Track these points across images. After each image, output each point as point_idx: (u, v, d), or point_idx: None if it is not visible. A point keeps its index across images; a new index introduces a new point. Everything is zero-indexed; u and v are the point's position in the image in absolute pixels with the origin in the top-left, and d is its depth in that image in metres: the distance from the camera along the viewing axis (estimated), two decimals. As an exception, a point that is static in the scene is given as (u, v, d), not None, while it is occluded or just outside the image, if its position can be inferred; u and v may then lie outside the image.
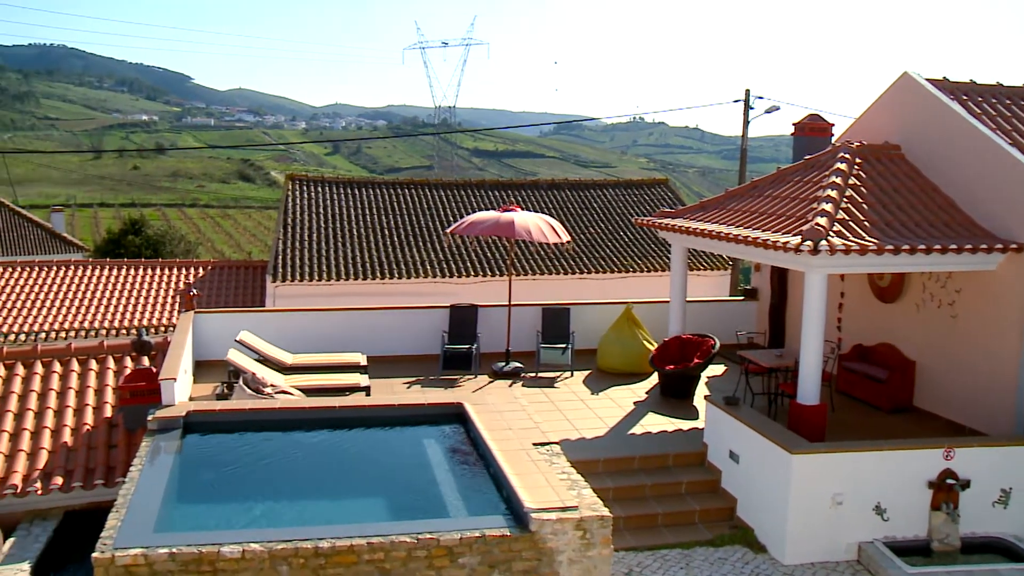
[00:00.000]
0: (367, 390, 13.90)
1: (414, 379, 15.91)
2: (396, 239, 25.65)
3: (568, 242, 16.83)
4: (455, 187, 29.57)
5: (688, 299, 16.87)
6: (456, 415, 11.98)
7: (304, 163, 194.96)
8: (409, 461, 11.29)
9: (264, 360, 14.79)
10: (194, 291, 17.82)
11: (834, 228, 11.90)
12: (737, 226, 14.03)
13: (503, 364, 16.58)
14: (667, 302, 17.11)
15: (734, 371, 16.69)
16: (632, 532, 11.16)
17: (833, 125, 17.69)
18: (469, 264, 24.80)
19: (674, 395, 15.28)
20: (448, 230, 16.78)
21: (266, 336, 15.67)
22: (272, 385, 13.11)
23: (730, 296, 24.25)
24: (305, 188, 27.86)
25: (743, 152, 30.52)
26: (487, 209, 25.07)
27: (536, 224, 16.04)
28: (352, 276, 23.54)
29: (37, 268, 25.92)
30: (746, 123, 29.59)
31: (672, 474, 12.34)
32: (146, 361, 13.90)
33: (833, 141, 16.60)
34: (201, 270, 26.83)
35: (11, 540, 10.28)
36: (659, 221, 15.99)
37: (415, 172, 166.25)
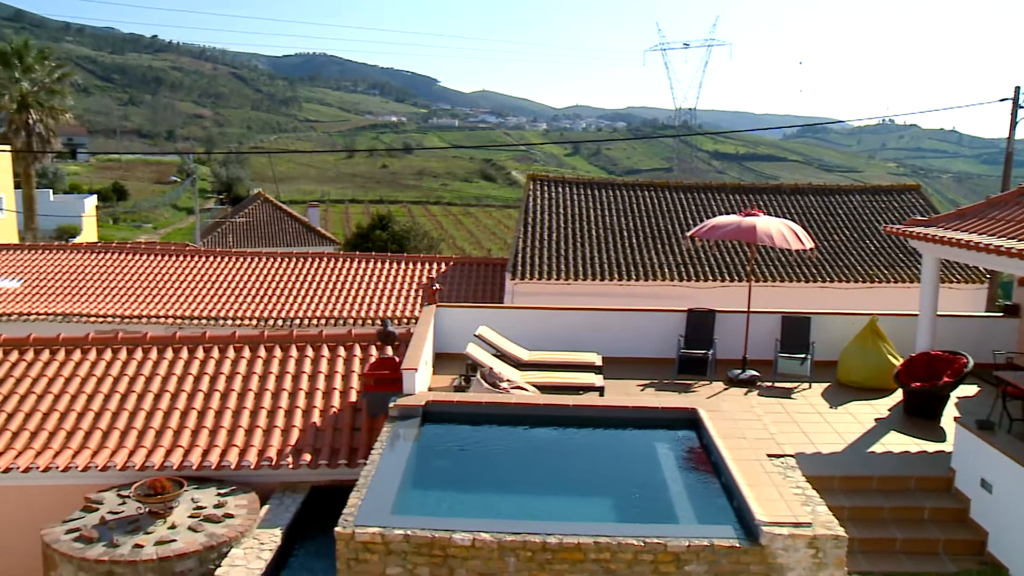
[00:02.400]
0: (601, 390, 13.93)
1: (648, 382, 15.82)
2: (634, 241, 25.61)
3: (811, 249, 16.23)
4: (694, 190, 29.19)
5: (939, 313, 15.90)
6: (689, 420, 11.80)
7: (544, 163, 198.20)
8: (640, 464, 11.23)
9: (501, 355, 15.12)
10: (437, 285, 18.45)
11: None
12: (1001, 237, 13.08)
13: (739, 371, 16.22)
14: (915, 315, 16.19)
15: (988, 393, 15.53)
16: (866, 556, 10.63)
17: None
18: (708, 268, 24.42)
19: (919, 415, 14.43)
20: (688, 233, 16.58)
21: (504, 332, 16.01)
22: (508, 380, 13.39)
23: (987, 312, 22.66)
24: (546, 188, 28.31)
25: (1008, 156, 28.44)
26: (727, 213, 24.63)
27: (779, 229, 15.59)
28: (589, 276, 23.71)
29: (294, 259, 27.71)
30: (1013, 124, 27.55)
31: (913, 498, 11.67)
32: (390, 351, 14.49)
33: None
34: (443, 265, 27.81)
35: (266, 507, 11.04)
36: (910, 230, 15.16)
37: (654, 174, 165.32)
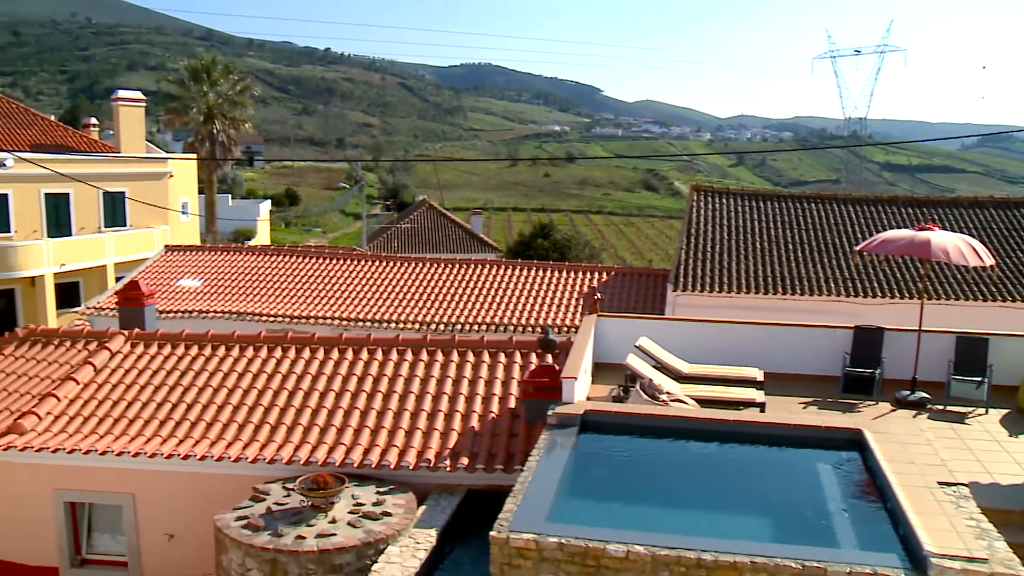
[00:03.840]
0: (762, 406, 13.63)
1: (811, 400, 15.37)
2: (800, 254, 24.95)
3: (991, 266, 15.43)
4: (864, 203, 28.19)
5: None
6: (854, 441, 11.38)
7: (707, 174, 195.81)
8: (800, 484, 10.92)
9: (661, 367, 14.99)
10: (598, 295, 18.45)
11: None
12: None
13: (908, 393, 15.55)
14: (1109, 340, 15.19)
15: None
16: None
17: None
18: (877, 284, 23.54)
19: (1111, 446, 13.50)
20: (857, 248, 16.02)
21: (664, 343, 15.87)
22: (667, 392, 13.26)
23: None
24: (710, 199, 27.92)
25: None
26: (899, 227, 23.67)
27: (955, 245, 14.88)
28: (752, 289, 23.25)
29: (457, 265, 28.22)
30: None
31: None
32: (550, 359, 14.57)
33: None
34: (604, 275, 27.78)
35: (423, 507, 11.29)
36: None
37: (821, 186, 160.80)
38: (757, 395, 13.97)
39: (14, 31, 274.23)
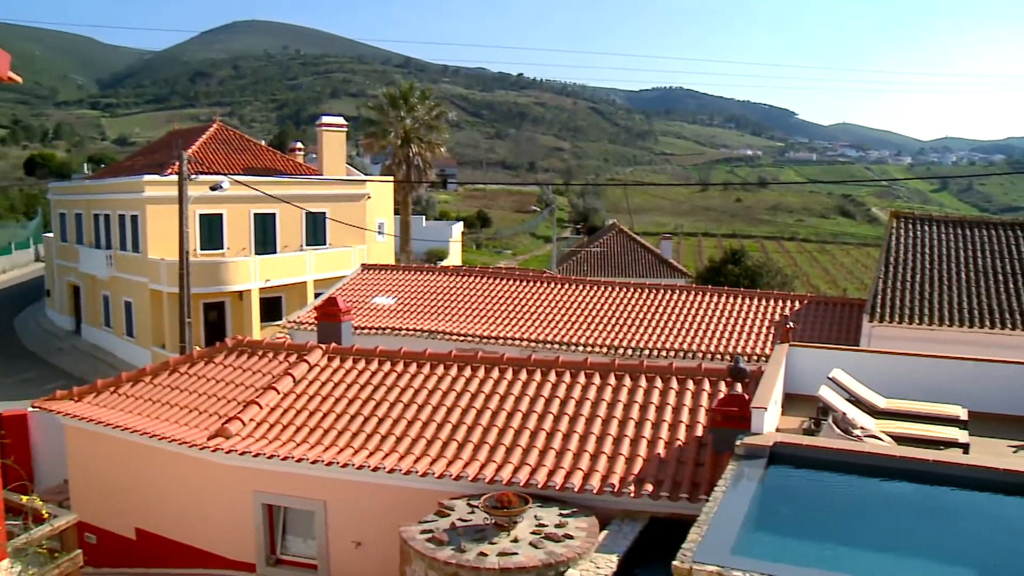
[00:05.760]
0: (965, 447, 12.84)
1: (1021, 443, 14.39)
2: (1010, 286, 23.38)
3: None
4: (1086, 233, 26.24)
5: None
6: (1072, 491, 10.56)
7: (907, 200, 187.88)
8: (1007, 534, 10.19)
9: (855, 401, 14.40)
10: (790, 324, 17.90)
11: None
12: None
13: None
14: None
15: None
16: None
17: None
18: (1097, 321, 21.85)
19: None
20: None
21: (858, 376, 15.24)
22: (862, 427, 12.72)
23: None
24: (910, 226, 26.66)
25: None
26: None
27: None
28: (956, 322, 21.98)
29: (645, 289, 28.02)
30: None
31: None
32: (739, 388, 14.25)
33: None
34: (797, 303, 26.96)
35: (605, 532, 11.21)
36: None
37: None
38: (960, 435, 13.18)
39: (234, 65, 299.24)
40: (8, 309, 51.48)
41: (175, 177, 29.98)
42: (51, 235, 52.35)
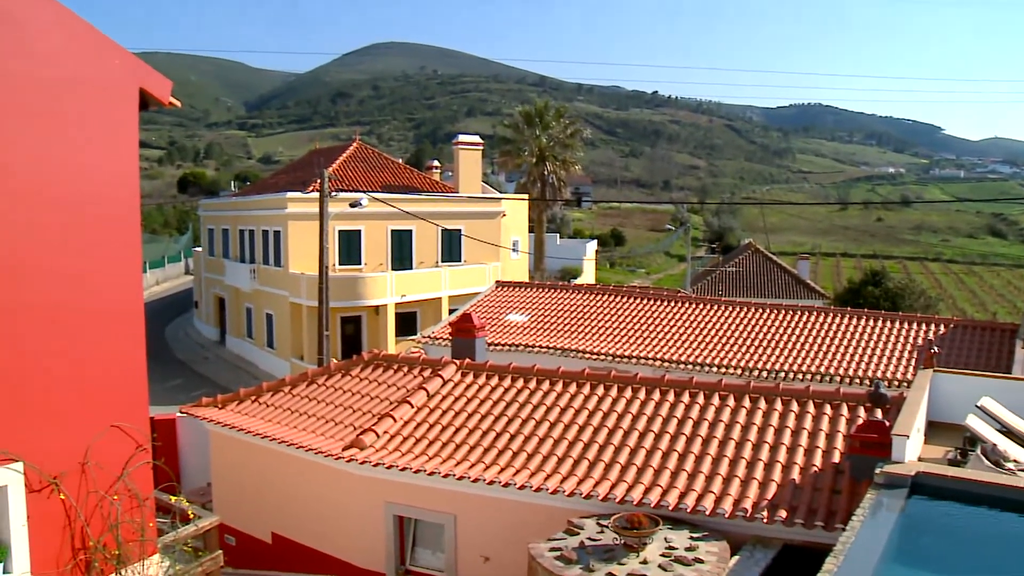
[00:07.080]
0: None
1: None
2: None
3: None
4: None
5: None
6: None
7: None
8: None
9: (1007, 431, 13.75)
10: (935, 348, 17.25)
11: None
12: None
13: None
14: None
15: None
16: None
17: None
18: None
19: None
20: None
21: (1011, 405, 14.55)
22: (1015, 460, 12.13)
23: None
24: (1067, 249, 25.35)
25: None
26: None
27: None
28: (1117, 351, 20.80)
29: (782, 311, 27.43)
30: None
31: None
32: (879, 414, 13.80)
33: None
34: (942, 327, 25.92)
35: (736, 557, 10.99)
36: None
37: None
38: (1123, 470, 12.45)
39: (374, 86, 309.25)
40: (160, 319, 53.95)
41: (316, 194, 30.99)
42: (200, 249, 54.79)
